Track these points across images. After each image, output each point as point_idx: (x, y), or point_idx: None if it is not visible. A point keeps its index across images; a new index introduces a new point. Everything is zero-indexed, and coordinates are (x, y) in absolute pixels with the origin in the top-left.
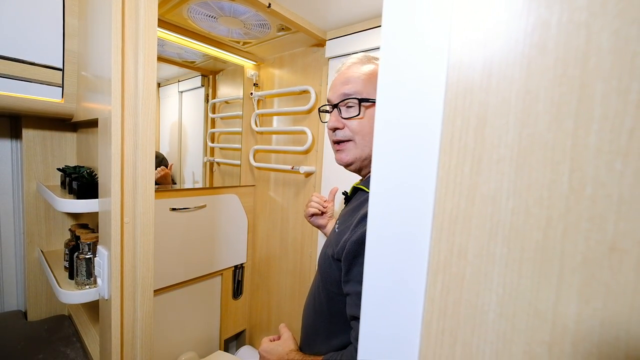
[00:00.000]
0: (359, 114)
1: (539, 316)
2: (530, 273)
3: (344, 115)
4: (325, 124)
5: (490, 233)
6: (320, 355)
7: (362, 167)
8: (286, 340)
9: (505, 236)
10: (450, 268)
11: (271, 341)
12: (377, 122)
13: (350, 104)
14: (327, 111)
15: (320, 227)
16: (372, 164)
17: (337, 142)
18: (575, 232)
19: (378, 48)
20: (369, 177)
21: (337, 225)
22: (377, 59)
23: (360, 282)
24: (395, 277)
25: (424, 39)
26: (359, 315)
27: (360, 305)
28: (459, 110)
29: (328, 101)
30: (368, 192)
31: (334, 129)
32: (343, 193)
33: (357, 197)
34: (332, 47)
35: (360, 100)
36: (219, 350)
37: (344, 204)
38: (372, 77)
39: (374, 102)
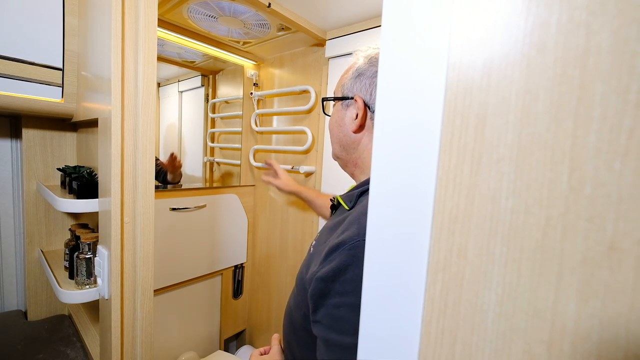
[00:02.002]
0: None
1: (538, 316)
2: (529, 272)
3: None
4: None
5: (490, 232)
6: None
7: (342, 165)
8: (273, 355)
9: (504, 236)
10: (450, 267)
11: (261, 354)
12: (377, 122)
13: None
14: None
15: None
16: (372, 164)
17: None
18: (575, 231)
19: (378, 48)
20: (351, 190)
21: (314, 242)
22: (375, 46)
23: (327, 326)
24: (395, 277)
25: (423, 39)
26: None
27: (327, 352)
28: (459, 109)
29: None
30: (348, 210)
31: None
32: (331, 200)
33: (339, 212)
34: (332, 47)
35: (323, 100)
36: (219, 350)
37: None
38: (346, 72)
39: (333, 98)
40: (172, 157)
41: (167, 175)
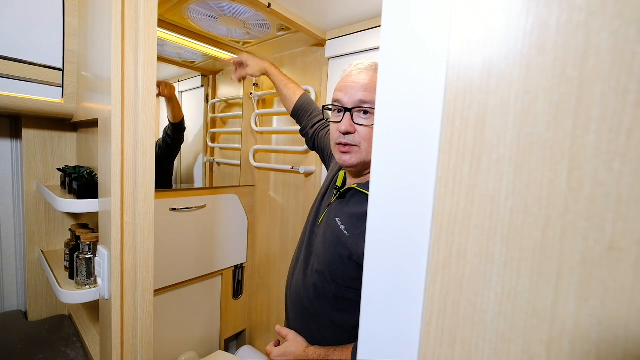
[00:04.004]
0: (373, 123)
1: (538, 315)
2: (529, 272)
3: (357, 120)
4: (335, 124)
5: (490, 232)
6: (321, 338)
7: (362, 170)
8: (294, 339)
9: (504, 236)
10: (449, 267)
11: (276, 346)
12: (377, 123)
13: (365, 111)
14: (330, 110)
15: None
16: (372, 164)
17: (343, 144)
18: (574, 231)
19: (378, 48)
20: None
21: (342, 227)
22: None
23: None
24: (395, 277)
25: (423, 40)
26: None
27: None
28: (459, 110)
29: (338, 102)
30: None
31: (346, 133)
32: (335, 187)
33: (358, 200)
34: (332, 47)
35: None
36: (219, 350)
37: (336, 197)
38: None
39: None
40: (163, 85)
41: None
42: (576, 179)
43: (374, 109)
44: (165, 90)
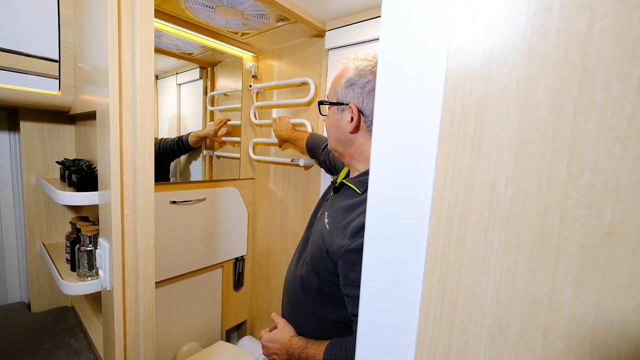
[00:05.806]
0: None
1: (535, 302)
2: (527, 259)
3: None
4: None
5: (489, 220)
6: (305, 329)
7: (339, 156)
8: (284, 327)
9: (503, 223)
10: (448, 255)
11: (269, 331)
12: (377, 110)
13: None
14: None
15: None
16: (372, 153)
17: None
18: (573, 218)
19: (378, 39)
20: (359, 176)
21: (327, 220)
22: (362, 57)
23: (359, 286)
24: (394, 265)
25: (423, 29)
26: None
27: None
28: (459, 98)
29: None
30: (359, 194)
31: None
32: (332, 182)
33: (347, 194)
34: (331, 38)
35: (320, 103)
36: (221, 341)
37: (332, 192)
38: (338, 78)
39: (329, 103)
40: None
41: (182, 148)
42: (576, 166)
43: (325, 101)
44: (223, 127)
